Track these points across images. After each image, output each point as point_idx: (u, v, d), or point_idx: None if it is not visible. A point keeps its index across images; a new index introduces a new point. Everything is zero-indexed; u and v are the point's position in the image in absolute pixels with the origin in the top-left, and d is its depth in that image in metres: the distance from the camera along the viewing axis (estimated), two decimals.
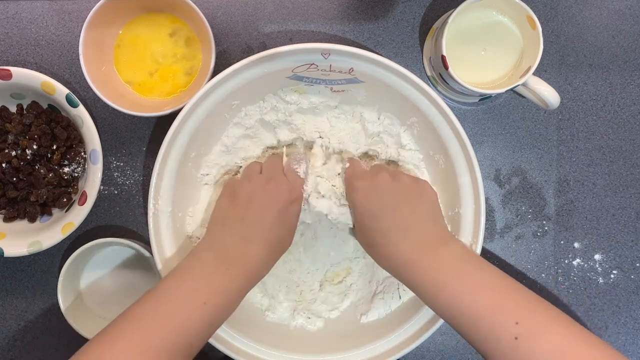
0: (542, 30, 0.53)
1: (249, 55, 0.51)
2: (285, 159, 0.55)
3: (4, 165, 0.57)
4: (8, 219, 0.58)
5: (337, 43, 0.51)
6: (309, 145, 0.58)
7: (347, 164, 0.55)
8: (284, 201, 0.51)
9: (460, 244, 0.50)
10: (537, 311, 0.44)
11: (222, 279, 0.48)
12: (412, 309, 0.56)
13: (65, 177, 0.58)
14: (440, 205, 0.57)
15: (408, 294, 0.57)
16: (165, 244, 0.54)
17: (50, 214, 0.59)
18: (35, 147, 0.57)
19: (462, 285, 0.45)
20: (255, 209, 0.50)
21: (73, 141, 0.58)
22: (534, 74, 0.54)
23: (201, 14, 0.55)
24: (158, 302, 0.46)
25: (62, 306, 0.57)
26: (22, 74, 0.55)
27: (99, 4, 0.54)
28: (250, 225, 0.50)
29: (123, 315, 0.45)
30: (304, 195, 0.54)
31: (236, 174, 0.58)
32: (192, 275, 0.48)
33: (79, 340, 0.57)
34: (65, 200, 0.58)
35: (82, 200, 0.55)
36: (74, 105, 0.55)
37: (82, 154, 0.58)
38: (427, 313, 0.54)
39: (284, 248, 0.53)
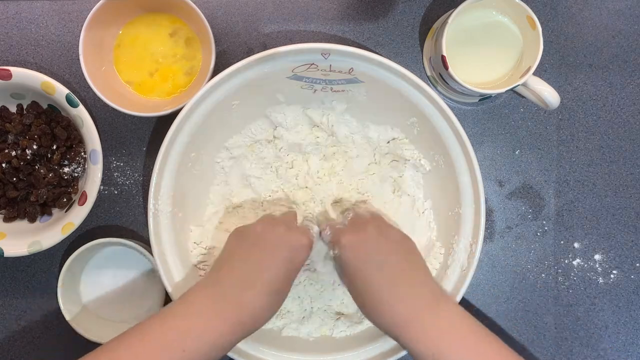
0: (542, 30, 0.53)
1: (249, 55, 0.51)
2: (299, 217, 0.54)
3: (4, 165, 0.57)
4: (8, 219, 0.58)
5: (337, 43, 0.51)
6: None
7: (327, 229, 0.52)
8: (293, 244, 0.48)
9: (454, 303, 0.47)
10: None
11: (210, 325, 0.44)
12: None
13: (65, 177, 0.58)
14: (441, 205, 0.57)
15: None
16: (165, 244, 0.54)
17: (50, 214, 0.59)
18: (35, 147, 0.57)
19: (459, 355, 0.43)
20: (262, 249, 0.47)
21: (73, 141, 0.58)
22: (534, 74, 0.54)
23: (201, 14, 0.55)
24: (134, 347, 0.43)
25: (62, 306, 0.57)
26: (22, 74, 0.55)
27: (99, 4, 0.54)
28: (254, 268, 0.46)
29: (99, 350, 0.43)
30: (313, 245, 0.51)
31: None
32: (176, 316, 0.45)
33: (79, 341, 0.57)
34: (65, 200, 0.58)
35: (82, 200, 0.55)
36: (74, 105, 0.55)
37: (82, 154, 0.58)
38: None
39: (284, 297, 0.49)
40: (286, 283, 0.48)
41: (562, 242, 0.62)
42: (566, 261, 0.62)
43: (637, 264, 0.62)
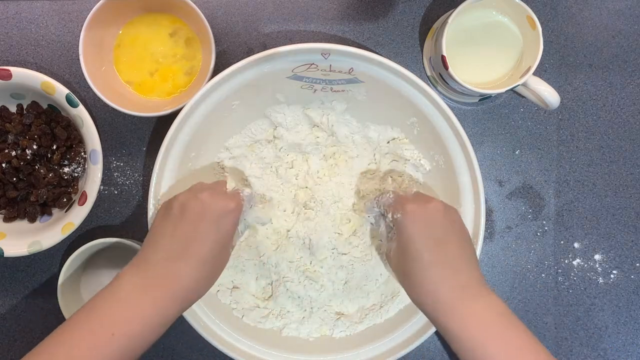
0: (542, 30, 0.53)
1: (249, 55, 0.51)
2: (232, 182, 0.53)
3: (4, 165, 0.57)
4: (8, 219, 0.58)
5: (337, 43, 0.51)
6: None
7: (389, 194, 0.52)
8: (219, 210, 0.47)
9: (497, 297, 0.46)
10: None
11: (138, 305, 0.43)
12: (412, 310, 0.56)
13: (65, 177, 0.58)
14: None
15: (397, 308, 0.58)
16: None
17: (50, 214, 0.59)
18: (35, 147, 0.57)
19: (502, 348, 0.43)
20: (186, 220, 0.46)
21: (73, 141, 0.58)
22: (534, 74, 0.54)
23: (201, 14, 0.55)
24: (62, 339, 0.42)
25: (62, 306, 0.57)
26: (22, 74, 0.55)
27: (99, 4, 0.54)
28: (181, 240, 0.46)
29: (30, 353, 0.42)
30: (243, 207, 0.50)
31: None
32: (103, 303, 0.44)
33: None
34: (65, 200, 0.58)
35: (82, 200, 0.55)
36: (74, 105, 0.55)
37: (82, 154, 0.58)
38: None
39: (221, 265, 0.48)
40: (217, 251, 0.47)
41: (562, 242, 0.62)
42: (566, 261, 0.62)
43: (637, 264, 0.62)
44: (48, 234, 0.56)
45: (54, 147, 0.58)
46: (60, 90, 0.55)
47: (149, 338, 0.44)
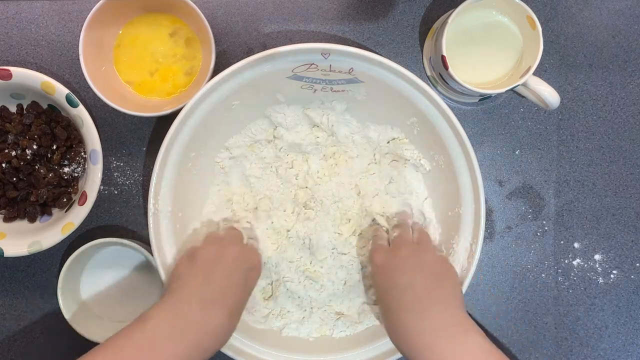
0: (542, 30, 0.53)
1: (249, 55, 0.51)
2: (243, 232, 0.55)
3: (4, 165, 0.57)
4: (8, 219, 0.58)
5: (337, 43, 0.51)
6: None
7: (369, 244, 0.53)
8: (248, 264, 0.50)
9: (481, 335, 0.45)
10: None
11: (171, 350, 0.43)
12: None
13: (65, 177, 0.58)
14: (441, 205, 0.57)
15: None
16: (165, 244, 0.54)
17: (50, 214, 0.59)
18: (35, 147, 0.57)
19: None
20: (220, 271, 0.48)
21: (73, 141, 0.58)
22: (534, 74, 0.54)
23: (201, 14, 0.55)
24: None
25: (62, 306, 0.57)
26: (22, 74, 0.55)
27: (99, 4, 0.54)
28: (214, 290, 0.47)
29: None
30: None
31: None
32: (134, 344, 0.43)
33: (79, 340, 0.57)
34: (65, 200, 0.58)
35: (82, 200, 0.55)
36: (74, 105, 0.55)
37: (82, 154, 0.58)
38: None
39: (238, 321, 0.50)
40: (242, 304, 0.50)
41: (562, 242, 0.62)
42: (566, 261, 0.62)
43: (637, 264, 0.62)
44: (48, 234, 0.56)
45: (54, 147, 0.58)
46: (60, 90, 0.55)
47: None
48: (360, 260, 0.58)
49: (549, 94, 0.54)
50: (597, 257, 0.62)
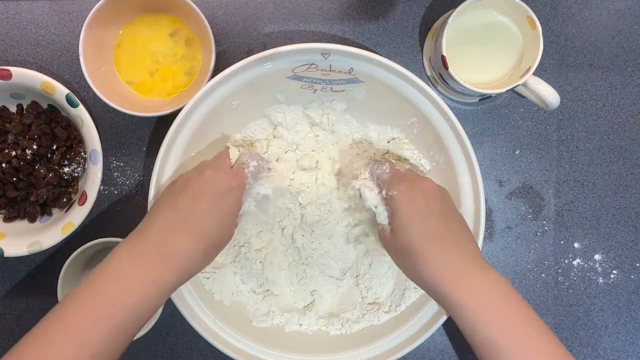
0: (542, 30, 0.53)
1: (249, 56, 0.51)
2: (235, 152, 0.53)
3: (4, 165, 0.57)
4: (8, 219, 0.58)
5: (337, 43, 0.51)
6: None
7: (386, 166, 0.51)
8: (220, 188, 0.47)
9: (500, 273, 0.46)
10: None
11: (136, 274, 0.44)
12: (412, 310, 0.56)
13: (65, 177, 0.58)
14: None
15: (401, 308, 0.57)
16: None
17: (50, 214, 0.59)
18: (35, 147, 0.57)
19: (509, 321, 0.43)
20: (187, 195, 0.47)
21: (73, 141, 0.58)
22: (534, 74, 0.54)
23: (201, 14, 0.55)
24: (61, 314, 0.42)
25: None
26: (22, 74, 0.55)
27: (99, 4, 0.54)
28: (180, 213, 0.46)
29: (31, 331, 0.42)
30: (246, 186, 0.50)
31: None
32: (100, 277, 0.44)
33: None
34: (65, 200, 0.58)
35: (82, 200, 0.55)
36: (74, 105, 0.55)
37: (82, 154, 0.58)
38: (427, 313, 0.54)
39: (222, 242, 0.49)
40: (218, 227, 0.48)
41: (562, 242, 0.62)
42: (566, 261, 0.62)
43: (637, 264, 0.62)
44: (48, 234, 0.56)
45: (54, 147, 0.58)
46: (60, 90, 0.55)
47: (149, 307, 0.44)
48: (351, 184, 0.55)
49: (549, 94, 0.54)
50: (597, 257, 0.62)
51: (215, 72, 0.53)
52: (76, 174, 0.59)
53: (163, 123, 0.61)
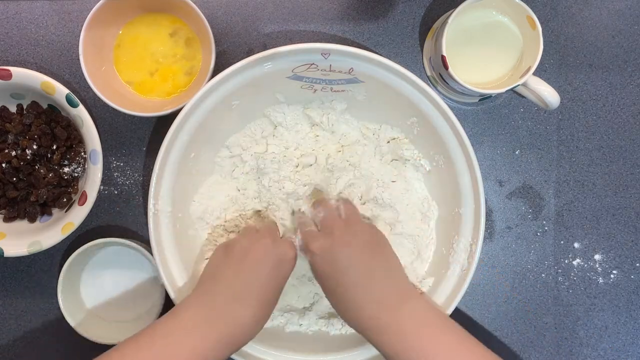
0: (542, 30, 0.53)
1: (249, 56, 0.51)
2: (281, 228, 0.55)
3: (4, 165, 0.57)
4: (8, 219, 0.58)
5: (337, 43, 0.51)
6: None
7: (298, 235, 0.53)
8: (279, 257, 0.49)
9: (418, 299, 0.48)
10: None
11: (200, 341, 0.45)
12: None
13: (65, 177, 0.58)
14: (441, 205, 0.57)
15: None
16: (165, 244, 0.54)
17: (50, 214, 0.59)
18: (35, 147, 0.57)
19: (422, 350, 0.45)
20: (250, 263, 0.48)
21: (73, 141, 0.58)
22: (534, 74, 0.54)
23: (201, 14, 0.55)
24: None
25: (62, 306, 0.57)
26: (22, 74, 0.55)
27: (99, 4, 0.54)
28: (244, 283, 0.48)
29: None
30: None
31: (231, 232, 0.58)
32: (166, 334, 0.45)
33: (79, 340, 0.57)
34: (65, 200, 0.58)
35: (82, 200, 0.55)
36: (74, 105, 0.55)
37: (82, 154, 0.58)
38: None
39: (271, 311, 0.50)
40: (274, 295, 0.50)
41: (562, 242, 0.62)
42: (566, 261, 0.62)
43: (637, 264, 0.62)
44: (48, 234, 0.56)
45: (54, 147, 0.58)
46: (60, 90, 0.55)
47: None
48: None
49: (549, 94, 0.54)
50: (597, 257, 0.62)
51: (215, 72, 0.53)
52: (76, 174, 0.59)
53: (163, 123, 0.61)
